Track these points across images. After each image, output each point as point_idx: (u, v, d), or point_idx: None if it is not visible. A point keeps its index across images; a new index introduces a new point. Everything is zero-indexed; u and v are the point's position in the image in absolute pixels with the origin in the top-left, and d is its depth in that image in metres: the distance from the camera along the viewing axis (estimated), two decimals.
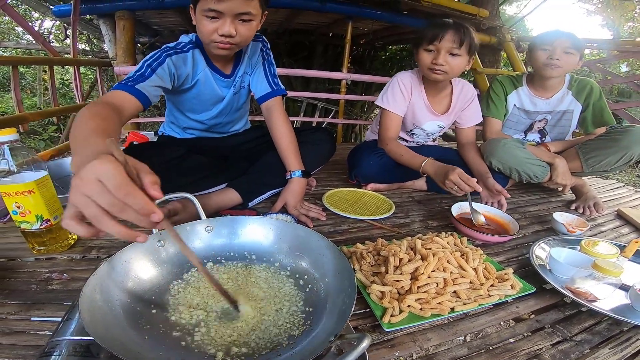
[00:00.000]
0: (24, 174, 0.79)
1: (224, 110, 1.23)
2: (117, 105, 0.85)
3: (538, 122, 1.57)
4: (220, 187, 1.14)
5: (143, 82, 0.93)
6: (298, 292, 0.63)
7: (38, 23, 5.40)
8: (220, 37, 0.94)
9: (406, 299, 0.69)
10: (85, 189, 0.39)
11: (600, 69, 2.76)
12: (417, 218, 1.23)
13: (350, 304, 0.49)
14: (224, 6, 0.90)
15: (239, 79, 1.19)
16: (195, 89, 1.12)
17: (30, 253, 0.87)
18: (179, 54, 1.02)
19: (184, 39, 1.08)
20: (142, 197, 0.40)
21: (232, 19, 0.93)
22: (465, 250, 0.85)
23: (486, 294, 0.75)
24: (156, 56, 0.98)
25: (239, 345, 0.50)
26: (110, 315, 0.48)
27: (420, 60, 1.31)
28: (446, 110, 1.47)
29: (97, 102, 0.86)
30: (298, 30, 3.76)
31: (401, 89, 1.39)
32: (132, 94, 0.90)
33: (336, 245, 0.65)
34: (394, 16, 2.72)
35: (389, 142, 1.41)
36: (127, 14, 2.26)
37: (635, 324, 0.70)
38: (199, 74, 1.09)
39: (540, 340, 0.68)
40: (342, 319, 0.47)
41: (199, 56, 1.07)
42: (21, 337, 0.61)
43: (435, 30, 1.23)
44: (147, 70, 0.95)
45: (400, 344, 0.64)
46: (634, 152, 1.30)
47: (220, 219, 0.73)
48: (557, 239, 1.04)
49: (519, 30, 7.64)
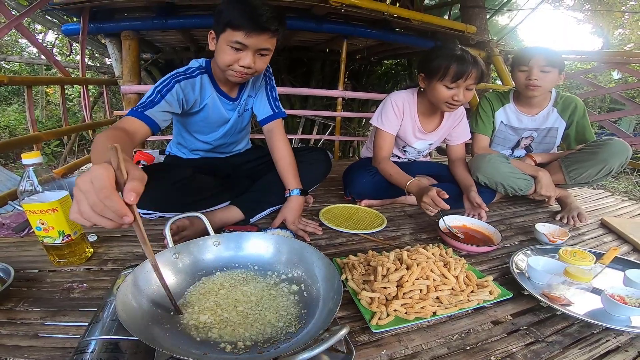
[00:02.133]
0: (47, 194, 0.88)
1: (229, 132, 1.32)
2: (129, 131, 0.94)
3: (525, 139, 1.64)
4: (224, 205, 1.23)
5: (152, 109, 1.01)
6: (294, 297, 0.71)
7: (41, 36, 5.52)
8: (240, 67, 1.03)
9: (392, 304, 0.77)
10: (81, 188, 0.47)
11: (584, 81, 2.87)
12: (408, 231, 1.31)
13: (337, 304, 0.59)
14: (250, 41, 0.99)
15: (243, 102, 1.28)
16: (203, 112, 1.21)
17: (49, 265, 0.95)
18: (188, 79, 1.10)
19: (194, 64, 1.16)
20: (117, 201, 0.47)
21: (253, 52, 1.03)
22: (448, 260, 0.93)
23: (466, 299, 0.83)
24: (165, 82, 1.07)
25: (244, 339, 0.59)
26: (138, 315, 0.57)
27: (438, 93, 1.31)
28: (436, 128, 1.55)
29: (112, 127, 0.95)
30: (296, 47, 3.88)
31: (394, 109, 1.46)
32: (142, 120, 0.99)
33: (329, 258, 0.74)
34: (387, 34, 2.84)
35: (382, 161, 1.48)
36: (132, 34, 2.35)
37: (606, 326, 0.76)
38: (207, 98, 1.17)
39: (514, 341, 0.74)
40: (330, 316, 0.57)
41: (207, 81, 1.16)
42: (49, 340, 0.69)
43: (461, 68, 1.22)
44: (157, 97, 1.03)
45: (387, 344, 0.71)
46: (613, 165, 1.38)
47: (227, 235, 0.82)
48: (537, 248, 1.11)
49: (511, 41, 7.79)
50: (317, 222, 1.30)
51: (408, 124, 1.50)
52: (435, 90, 1.31)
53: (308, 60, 4.42)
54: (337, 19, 2.66)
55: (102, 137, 0.81)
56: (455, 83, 1.25)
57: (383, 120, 1.48)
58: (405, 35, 2.96)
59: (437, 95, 1.32)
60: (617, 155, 1.37)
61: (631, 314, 0.79)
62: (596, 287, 0.91)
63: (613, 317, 0.80)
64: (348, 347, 0.60)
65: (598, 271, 0.96)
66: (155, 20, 2.27)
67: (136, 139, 0.96)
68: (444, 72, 1.25)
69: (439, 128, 1.54)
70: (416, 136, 1.55)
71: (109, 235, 1.13)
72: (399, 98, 1.47)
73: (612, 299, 0.80)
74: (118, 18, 2.38)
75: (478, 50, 3.11)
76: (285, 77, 4.26)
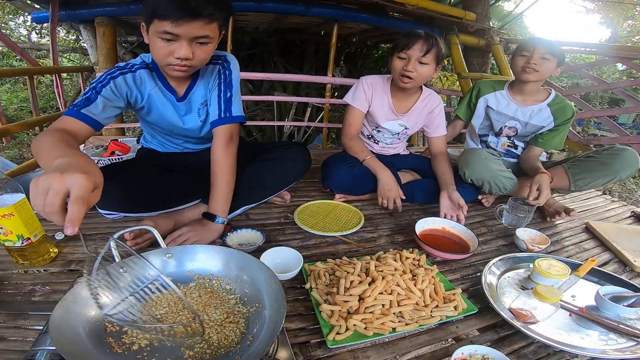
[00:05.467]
0: (3, 197, 0.85)
1: (194, 131, 1.22)
2: (70, 131, 0.88)
3: (508, 128, 1.59)
4: (195, 203, 1.19)
5: (89, 106, 0.94)
6: (243, 310, 0.70)
7: (30, 19, 5.35)
8: (177, 59, 0.92)
9: (352, 318, 0.76)
10: (36, 191, 0.55)
11: (588, 75, 2.78)
12: (385, 232, 1.28)
13: (280, 321, 0.59)
14: (181, 30, 0.87)
15: (202, 107, 1.16)
16: (151, 109, 1.11)
17: (14, 266, 0.94)
18: (125, 74, 1.02)
19: (137, 61, 1.07)
20: (59, 220, 0.55)
21: (188, 42, 0.90)
22: (417, 271, 0.92)
23: (429, 315, 0.81)
24: (101, 79, 0.99)
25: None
26: (74, 341, 0.56)
27: (393, 66, 1.41)
28: (408, 110, 1.54)
29: (52, 129, 0.87)
30: (289, 29, 3.76)
31: (364, 88, 1.50)
32: (80, 119, 0.92)
33: (275, 274, 0.72)
34: (380, 19, 2.74)
35: (352, 138, 1.55)
36: (107, 20, 2.24)
37: (561, 349, 0.76)
38: (146, 93, 1.07)
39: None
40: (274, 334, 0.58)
41: (147, 76, 1.05)
42: (9, 343, 0.70)
43: (409, 38, 1.33)
44: (92, 94, 0.96)
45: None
46: (622, 176, 1.39)
47: (177, 248, 0.79)
48: (510, 257, 1.08)
49: (516, 28, 7.55)
50: (290, 220, 1.27)
51: (379, 103, 1.53)
52: (392, 64, 1.41)
53: (301, 43, 4.29)
54: (327, 2, 2.55)
55: (47, 140, 0.77)
56: (405, 53, 1.34)
57: (353, 97, 1.53)
58: (400, 21, 2.85)
59: (393, 68, 1.41)
60: (629, 167, 1.37)
61: (622, 312, 0.86)
62: (564, 301, 0.90)
63: (582, 330, 0.83)
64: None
65: (567, 287, 0.96)
66: (131, 5, 2.17)
67: (79, 139, 0.91)
68: (396, 44, 1.38)
69: (412, 110, 1.54)
70: (388, 117, 1.55)
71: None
72: (371, 78, 1.54)
73: (604, 298, 0.86)
74: (92, 4, 2.26)
75: (477, 38, 3.00)
76: (277, 60, 4.14)
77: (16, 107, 5.38)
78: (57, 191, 0.54)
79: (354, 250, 1.15)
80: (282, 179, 1.25)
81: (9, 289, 0.85)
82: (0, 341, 0.70)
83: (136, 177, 1.10)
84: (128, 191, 1.07)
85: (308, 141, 4.36)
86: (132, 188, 1.08)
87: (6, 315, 0.76)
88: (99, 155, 1.68)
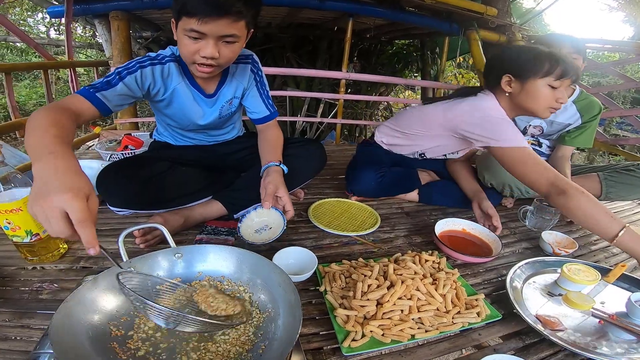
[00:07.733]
0: (12, 192, 0.83)
1: (209, 126, 1.22)
2: (74, 110, 0.84)
3: (533, 127, 1.54)
4: (207, 199, 1.17)
5: (106, 91, 0.91)
6: (255, 313, 0.67)
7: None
8: (202, 58, 0.92)
9: (369, 324, 0.72)
10: (40, 219, 0.54)
11: (615, 72, 2.65)
12: (402, 233, 1.23)
13: (297, 330, 0.57)
14: (207, 28, 0.85)
15: (226, 104, 1.16)
16: (171, 103, 1.10)
17: (24, 262, 0.92)
18: (154, 65, 1.00)
19: (167, 52, 1.05)
20: (77, 237, 0.54)
21: (215, 41, 0.89)
22: (438, 275, 0.86)
23: (450, 322, 0.76)
24: (129, 65, 0.97)
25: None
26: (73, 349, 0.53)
27: (540, 94, 1.11)
28: None
29: (56, 105, 0.82)
30: (302, 24, 3.71)
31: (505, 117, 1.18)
32: (92, 101, 0.89)
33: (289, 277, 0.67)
34: (397, 13, 2.66)
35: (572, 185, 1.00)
36: (121, 14, 2.25)
37: (589, 357, 0.71)
38: (172, 87, 1.06)
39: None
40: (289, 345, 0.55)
41: (175, 70, 1.04)
42: (12, 343, 0.67)
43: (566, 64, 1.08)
44: (115, 79, 0.93)
45: None
46: None
47: (187, 247, 0.76)
48: (537, 261, 1.02)
49: (535, 25, 7.31)
50: (304, 218, 1.23)
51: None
52: (536, 91, 1.11)
53: (314, 38, 4.23)
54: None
55: (42, 120, 0.71)
56: (560, 81, 1.08)
57: (514, 136, 1.12)
58: (417, 15, 2.76)
59: (539, 96, 1.11)
60: None
61: None
62: (594, 308, 0.85)
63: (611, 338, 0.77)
64: None
65: (596, 293, 0.91)
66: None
67: (80, 120, 0.87)
68: (550, 68, 1.07)
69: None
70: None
71: None
72: (495, 106, 1.20)
73: (636, 305, 0.82)
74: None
75: (498, 34, 2.89)
76: (290, 56, 4.10)
77: (35, 103, 5.51)
78: (56, 218, 0.53)
79: (369, 251, 1.10)
80: (296, 176, 1.21)
81: (16, 286, 0.83)
82: (4, 341, 0.67)
83: (147, 174, 1.07)
84: (140, 189, 1.06)
85: (320, 137, 4.32)
86: (143, 186, 1.06)
87: (11, 313, 0.74)
88: (112, 150, 1.67)
